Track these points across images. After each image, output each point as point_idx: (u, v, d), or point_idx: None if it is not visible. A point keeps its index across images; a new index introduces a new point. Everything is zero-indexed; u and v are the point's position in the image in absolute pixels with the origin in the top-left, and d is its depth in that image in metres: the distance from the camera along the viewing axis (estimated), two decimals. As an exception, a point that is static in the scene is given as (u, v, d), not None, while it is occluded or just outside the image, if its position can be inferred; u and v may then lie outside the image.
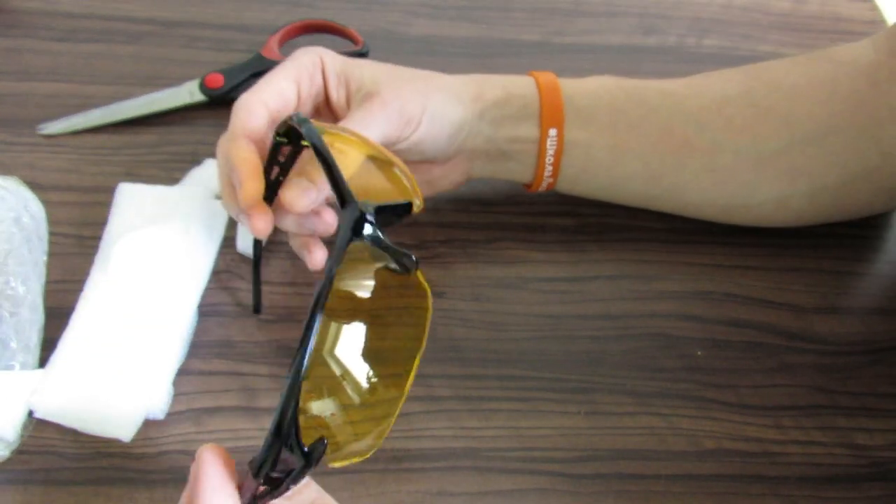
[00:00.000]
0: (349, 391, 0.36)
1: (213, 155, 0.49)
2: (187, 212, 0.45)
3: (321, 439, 0.29)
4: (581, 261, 0.48)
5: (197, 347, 0.42)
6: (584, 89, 0.46)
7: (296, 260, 0.47)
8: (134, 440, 0.38)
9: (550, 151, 0.45)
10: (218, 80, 0.53)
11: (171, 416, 0.40)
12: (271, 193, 0.40)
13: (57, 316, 0.41)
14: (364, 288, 0.37)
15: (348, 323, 0.36)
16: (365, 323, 0.36)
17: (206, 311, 0.44)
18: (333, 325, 0.36)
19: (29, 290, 0.41)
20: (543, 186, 0.47)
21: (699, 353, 0.45)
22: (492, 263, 0.47)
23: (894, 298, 0.49)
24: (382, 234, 0.31)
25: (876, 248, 0.51)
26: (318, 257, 0.42)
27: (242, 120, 0.40)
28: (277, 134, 0.38)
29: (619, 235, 0.49)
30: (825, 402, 0.44)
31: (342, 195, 0.31)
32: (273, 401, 0.41)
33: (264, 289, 0.45)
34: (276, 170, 0.40)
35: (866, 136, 0.45)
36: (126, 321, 0.41)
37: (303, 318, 0.44)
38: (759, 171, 0.46)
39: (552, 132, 0.45)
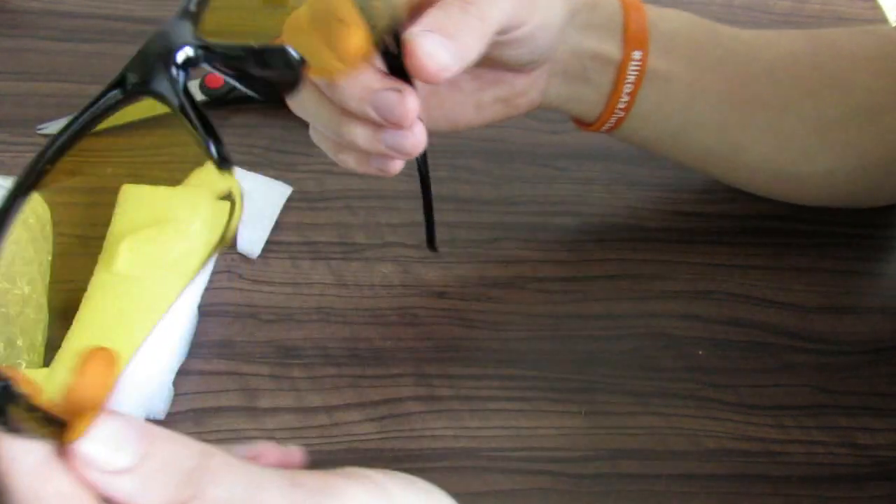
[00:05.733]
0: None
1: (213, 155, 0.50)
2: (189, 213, 0.45)
3: None
4: (581, 261, 0.48)
5: (197, 347, 0.42)
6: (667, 15, 0.43)
7: (296, 260, 0.47)
8: (134, 440, 0.38)
9: (631, 78, 0.41)
10: (218, 80, 0.53)
11: (171, 416, 0.40)
12: None
13: (61, 316, 0.41)
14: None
15: None
16: None
17: (206, 311, 0.43)
18: None
19: (34, 290, 0.41)
20: (611, 122, 0.44)
21: (700, 352, 0.45)
22: (492, 263, 0.47)
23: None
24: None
25: (878, 248, 0.51)
26: (396, 167, 0.36)
27: None
28: None
29: (620, 235, 0.49)
30: (827, 402, 0.44)
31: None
32: (273, 401, 0.41)
33: (264, 289, 0.45)
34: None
35: None
36: (127, 321, 0.41)
37: (303, 318, 0.44)
38: (817, 139, 0.44)
39: (636, 55, 0.41)
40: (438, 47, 0.32)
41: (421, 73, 0.32)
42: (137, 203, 0.45)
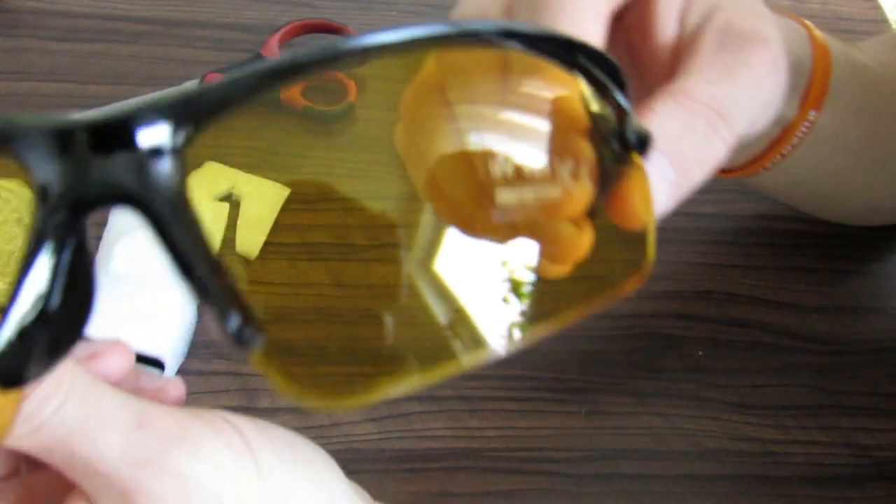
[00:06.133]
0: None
1: (212, 155, 0.49)
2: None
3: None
4: (582, 260, 0.48)
5: (197, 347, 0.42)
6: (837, 59, 0.35)
7: (295, 260, 0.46)
8: (133, 440, 0.38)
9: (795, 140, 0.34)
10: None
11: (171, 416, 0.40)
12: None
13: (57, 316, 0.41)
14: None
15: None
16: None
17: (205, 311, 0.43)
18: None
19: (30, 291, 0.41)
20: (746, 173, 0.37)
21: (700, 352, 0.45)
22: (492, 263, 0.47)
23: (896, 298, 0.49)
24: None
25: (878, 248, 0.51)
26: None
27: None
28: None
29: (620, 235, 0.49)
30: (827, 402, 0.44)
31: None
32: (274, 401, 0.41)
33: (262, 289, 0.45)
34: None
35: None
36: (126, 321, 0.40)
37: (302, 318, 0.44)
38: None
39: (812, 115, 0.33)
40: (660, 182, 0.22)
41: (620, 216, 0.22)
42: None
